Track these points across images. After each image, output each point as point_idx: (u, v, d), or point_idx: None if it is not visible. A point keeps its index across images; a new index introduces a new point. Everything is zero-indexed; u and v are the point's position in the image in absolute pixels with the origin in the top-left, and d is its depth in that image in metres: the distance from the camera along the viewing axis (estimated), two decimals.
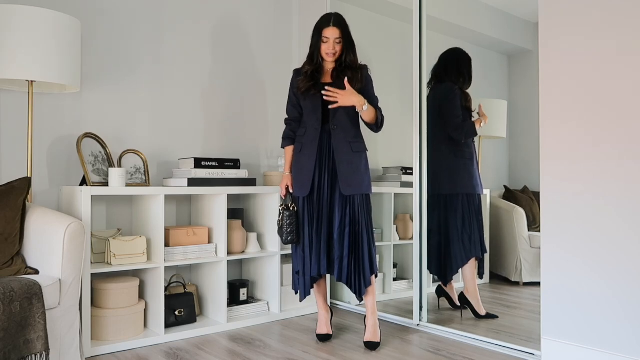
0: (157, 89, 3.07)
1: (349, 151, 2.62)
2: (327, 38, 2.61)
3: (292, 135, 2.76)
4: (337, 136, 2.62)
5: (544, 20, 2.32)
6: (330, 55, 2.62)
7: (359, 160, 2.63)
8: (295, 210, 2.67)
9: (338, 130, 2.62)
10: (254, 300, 3.17)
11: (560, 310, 2.25)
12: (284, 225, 2.66)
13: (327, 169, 2.63)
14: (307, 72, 2.66)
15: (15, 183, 2.26)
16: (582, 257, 2.19)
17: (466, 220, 3.04)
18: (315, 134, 2.63)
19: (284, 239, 2.67)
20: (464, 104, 3.06)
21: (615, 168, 2.10)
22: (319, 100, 2.62)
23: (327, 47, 2.61)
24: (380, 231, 3.48)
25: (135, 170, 2.84)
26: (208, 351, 2.52)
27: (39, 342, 1.90)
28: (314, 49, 2.66)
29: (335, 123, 2.62)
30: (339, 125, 2.62)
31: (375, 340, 2.57)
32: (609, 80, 2.13)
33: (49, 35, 2.33)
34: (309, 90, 2.64)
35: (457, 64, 3.11)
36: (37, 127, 2.64)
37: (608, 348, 2.11)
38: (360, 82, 2.62)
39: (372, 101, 2.67)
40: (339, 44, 2.62)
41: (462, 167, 3.04)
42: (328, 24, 2.61)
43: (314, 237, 2.62)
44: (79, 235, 2.11)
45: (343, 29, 2.63)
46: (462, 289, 3.04)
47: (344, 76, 2.59)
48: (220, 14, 3.36)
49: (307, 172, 2.63)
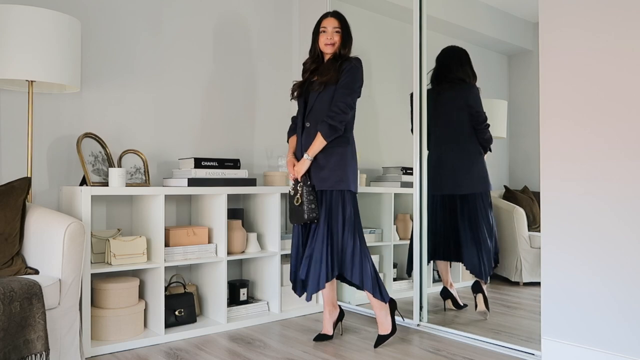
0: (157, 88, 3.07)
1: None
2: (325, 28, 2.63)
3: (293, 127, 2.81)
4: (310, 133, 2.61)
5: (544, 20, 2.32)
6: (329, 46, 2.62)
7: (334, 154, 2.55)
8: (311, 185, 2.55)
9: (311, 127, 2.62)
10: (254, 300, 3.17)
11: (561, 310, 2.25)
12: (305, 202, 2.52)
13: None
14: (306, 71, 2.70)
15: (15, 183, 2.26)
16: (582, 257, 2.19)
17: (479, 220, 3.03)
18: (299, 132, 2.69)
19: (307, 215, 2.51)
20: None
21: (615, 168, 2.10)
22: (302, 100, 2.69)
23: (325, 37, 2.62)
24: (381, 231, 3.48)
25: (135, 170, 2.84)
26: (208, 351, 2.52)
27: (39, 342, 1.90)
28: (313, 43, 2.69)
29: (309, 120, 2.64)
30: (312, 122, 2.62)
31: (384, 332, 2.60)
32: (609, 81, 2.13)
33: (49, 35, 2.33)
34: (300, 95, 2.71)
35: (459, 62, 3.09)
36: (37, 127, 2.64)
37: (608, 348, 2.11)
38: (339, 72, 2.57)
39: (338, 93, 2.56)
40: (337, 33, 2.62)
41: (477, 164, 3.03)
42: (327, 15, 2.68)
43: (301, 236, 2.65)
44: (79, 235, 2.11)
45: (341, 20, 2.65)
46: (462, 289, 3.04)
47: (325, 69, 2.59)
48: (220, 14, 3.35)
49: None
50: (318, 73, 2.64)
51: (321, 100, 2.59)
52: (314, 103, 2.61)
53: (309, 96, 2.65)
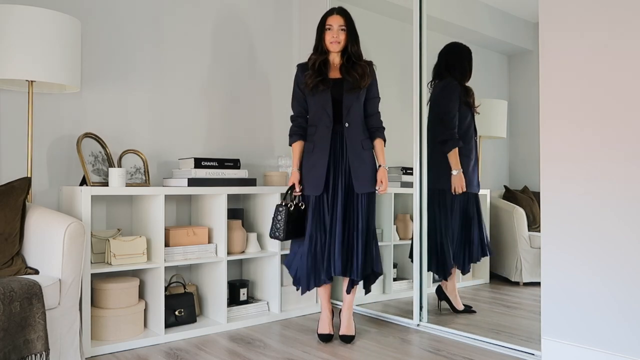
0: (157, 88, 3.07)
1: (360, 149, 2.62)
2: (330, 25, 2.61)
3: (299, 132, 2.71)
4: (351, 134, 2.60)
5: (544, 20, 2.32)
6: (335, 44, 2.60)
7: (369, 157, 2.66)
8: (291, 209, 2.61)
9: (351, 128, 2.60)
10: (254, 300, 3.17)
11: (561, 310, 2.25)
12: (275, 221, 2.61)
13: (341, 168, 2.61)
14: (314, 64, 2.63)
15: (15, 183, 2.26)
16: (582, 257, 2.19)
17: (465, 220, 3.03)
18: (327, 132, 2.60)
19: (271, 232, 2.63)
20: (464, 99, 3.01)
21: (615, 169, 2.10)
22: (329, 95, 2.60)
23: (330, 35, 2.60)
24: (381, 231, 3.48)
25: (135, 170, 2.84)
26: (208, 351, 2.52)
27: (39, 342, 1.90)
28: (318, 39, 2.66)
29: (349, 120, 2.60)
30: (351, 123, 2.61)
31: (351, 333, 2.67)
32: (609, 81, 2.13)
33: (49, 35, 2.33)
34: (317, 86, 2.59)
35: (459, 59, 3.08)
36: (37, 127, 2.64)
37: (608, 348, 2.11)
38: (370, 77, 2.64)
39: (374, 102, 2.70)
40: (343, 31, 2.61)
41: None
42: (332, 13, 2.65)
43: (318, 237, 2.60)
44: (79, 235, 2.11)
45: (347, 18, 2.63)
46: (462, 289, 3.04)
47: (354, 71, 2.59)
48: (220, 13, 3.35)
49: (320, 172, 2.59)
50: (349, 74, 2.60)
51: (358, 101, 2.63)
52: (352, 104, 2.61)
53: (339, 95, 2.60)
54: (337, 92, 2.60)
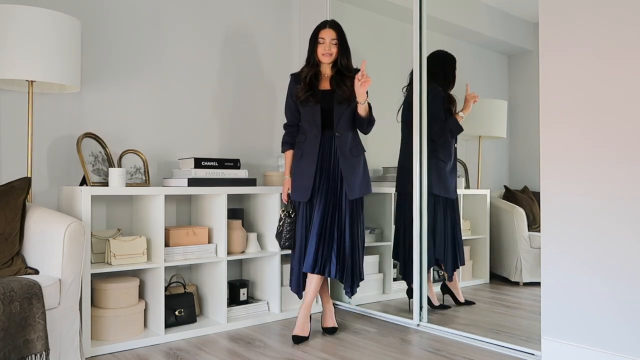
0: (157, 88, 3.07)
1: (350, 157, 2.72)
2: (323, 39, 2.72)
3: (290, 140, 2.85)
4: (340, 143, 2.71)
5: (544, 20, 2.32)
6: (327, 56, 2.71)
7: (359, 164, 2.75)
8: (294, 218, 2.80)
9: (341, 137, 2.72)
10: (254, 300, 3.17)
11: (560, 310, 2.25)
12: (284, 232, 2.81)
13: (328, 175, 2.72)
14: (305, 77, 2.74)
15: (15, 183, 2.26)
16: (582, 257, 2.19)
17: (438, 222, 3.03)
18: (315, 141, 2.73)
19: (282, 243, 2.83)
20: (446, 105, 3.06)
21: (615, 169, 2.10)
22: (318, 108, 2.71)
23: (323, 47, 2.72)
24: (381, 231, 3.48)
25: (135, 170, 2.84)
26: (208, 351, 2.52)
27: (38, 342, 1.90)
28: (310, 52, 2.78)
29: (339, 130, 2.71)
30: (341, 132, 2.72)
31: (335, 325, 2.82)
32: (609, 81, 2.13)
33: (49, 35, 2.33)
34: (308, 100, 2.72)
35: (442, 66, 3.11)
36: (37, 127, 2.64)
37: (608, 348, 2.11)
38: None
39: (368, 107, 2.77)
40: (334, 45, 2.72)
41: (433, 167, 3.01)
42: (324, 26, 2.75)
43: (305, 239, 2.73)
44: (79, 235, 2.11)
45: (339, 31, 2.75)
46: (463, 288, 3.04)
47: (344, 84, 2.69)
48: (220, 15, 3.35)
49: (307, 178, 2.72)
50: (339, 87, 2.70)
51: (348, 112, 2.71)
52: (343, 114, 2.71)
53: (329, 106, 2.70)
54: (326, 104, 2.72)
